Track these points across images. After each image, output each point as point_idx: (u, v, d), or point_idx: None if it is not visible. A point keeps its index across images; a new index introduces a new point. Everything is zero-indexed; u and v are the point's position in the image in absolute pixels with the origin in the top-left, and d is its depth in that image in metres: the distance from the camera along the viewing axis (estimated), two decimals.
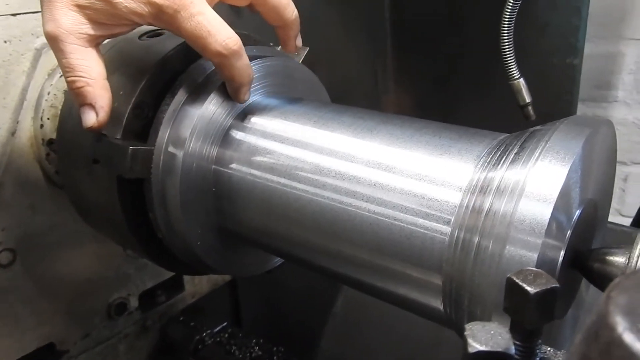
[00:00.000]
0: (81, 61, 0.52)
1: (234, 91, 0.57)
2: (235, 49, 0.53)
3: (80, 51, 0.51)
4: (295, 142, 0.55)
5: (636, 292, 0.19)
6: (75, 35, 0.51)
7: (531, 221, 0.39)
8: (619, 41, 1.32)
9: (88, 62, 0.52)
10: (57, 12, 0.50)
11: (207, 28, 0.51)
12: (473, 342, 0.26)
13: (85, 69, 0.52)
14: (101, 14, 0.51)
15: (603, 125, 0.45)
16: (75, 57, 0.51)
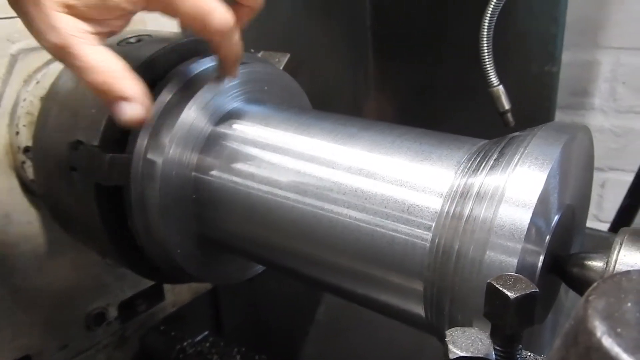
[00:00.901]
0: (97, 58, 0.48)
1: (230, 68, 0.56)
2: (232, 26, 0.52)
3: (92, 50, 0.48)
4: (276, 148, 0.55)
5: (614, 296, 0.19)
6: (81, 37, 0.48)
7: (511, 226, 0.39)
8: (595, 49, 1.34)
9: (104, 57, 0.49)
10: (51, 19, 0.46)
11: (206, 6, 0.49)
12: (454, 347, 0.26)
13: (105, 64, 0.49)
14: (93, 10, 0.48)
15: (580, 131, 0.46)
16: (90, 56, 0.48)
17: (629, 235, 0.41)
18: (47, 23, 0.47)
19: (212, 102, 0.58)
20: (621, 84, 1.35)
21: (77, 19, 0.48)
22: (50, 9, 0.47)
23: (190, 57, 0.62)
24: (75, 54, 0.48)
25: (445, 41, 1.09)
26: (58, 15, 0.47)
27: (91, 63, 0.48)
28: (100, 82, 0.49)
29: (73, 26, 0.48)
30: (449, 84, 1.12)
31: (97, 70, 0.48)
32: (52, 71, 0.68)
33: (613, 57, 1.34)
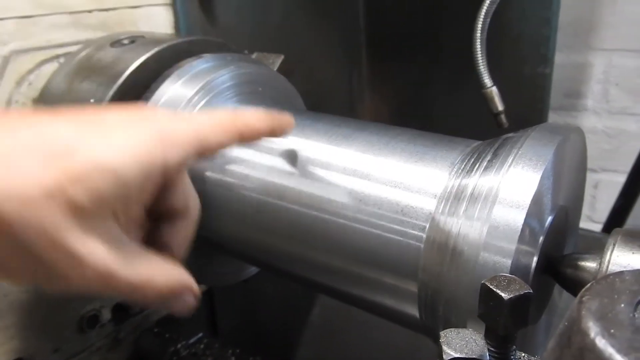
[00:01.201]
0: (139, 273, 0.39)
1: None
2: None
3: (132, 265, 0.38)
4: (269, 149, 0.55)
5: (607, 297, 0.19)
6: (117, 256, 0.37)
7: (505, 227, 0.39)
8: (588, 51, 1.35)
9: (146, 267, 0.39)
10: (77, 242, 0.35)
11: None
12: (448, 349, 0.26)
13: (151, 278, 0.39)
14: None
15: (573, 132, 0.46)
16: (132, 277, 0.38)
17: (621, 236, 0.41)
18: (72, 246, 0.35)
19: (206, 103, 0.58)
20: (614, 85, 1.36)
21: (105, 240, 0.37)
22: (73, 230, 0.35)
23: (185, 58, 0.62)
24: (119, 279, 0.38)
25: (439, 43, 1.10)
26: (83, 236, 0.36)
27: (135, 283, 0.39)
28: (155, 299, 0.41)
29: (105, 239, 0.37)
30: (443, 85, 1.12)
31: (148, 287, 0.40)
32: (45, 73, 0.67)
33: (605, 59, 1.34)
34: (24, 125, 0.35)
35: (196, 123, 0.41)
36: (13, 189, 0.32)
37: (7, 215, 0.32)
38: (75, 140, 0.35)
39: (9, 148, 0.33)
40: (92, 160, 0.35)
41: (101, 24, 0.73)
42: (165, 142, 0.38)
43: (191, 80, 0.58)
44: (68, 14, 0.70)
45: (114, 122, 0.38)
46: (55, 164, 0.34)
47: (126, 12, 0.74)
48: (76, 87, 0.60)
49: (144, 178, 0.37)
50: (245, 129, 0.44)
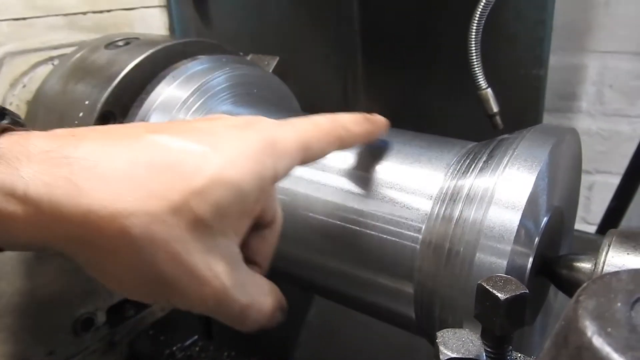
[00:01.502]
0: (249, 294, 0.38)
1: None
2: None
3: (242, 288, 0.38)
4: None
5: (604, 297, 0.19)
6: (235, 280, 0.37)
7: (500, 228, 0.39)
8: (582, 53, 1.36)
9: (254, 288, 0.39)
10: (199, 259, 0.34)
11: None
12: (444, 349, 0.26)
13: (258, 299, 0.39)
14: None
15: (568, 133, 0.46)
16: (243, 299, 0.38)
17: (616, 237, 0.41)
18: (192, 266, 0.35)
19: (201, 105, 0.58)
20: (608, 87, 1.36)
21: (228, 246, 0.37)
22: (194, 249, 0.34)
23: (179, 59, 0.61)
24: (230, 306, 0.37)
25: (434, 44, 1.10)
26: (203, 256, 0.35)
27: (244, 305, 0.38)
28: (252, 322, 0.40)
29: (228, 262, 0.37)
30: (438, 87, 1.12)
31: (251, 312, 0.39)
32: (39, 75, 0.67)
33: (600, 61, 1.35)
34: (143, 140, 0.35)
35: (300, 130, 0.40)
36: (138, 205, 0.32)
37: (132, 230, 0.32)
38: (194, 155, 0.35)
39: (132, 164, 0.34)
40: (214, 174, 0.34)
41: (96, 25, 0.73)
42: (275, 152, 0.37)
43: (186, 81, 0.58)
44: (62, 15, 0.70)
45: (225, 132, 0.37)
46: (178, 179, 0.34)
47: (121, 13, 0.74)
48: (70, 89, 0.60)
49: (260, 190, 0.37)
50: (345, 134, 0.43)
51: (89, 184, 0.32)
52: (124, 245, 0.33)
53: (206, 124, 0.38)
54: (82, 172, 0.32)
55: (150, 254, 0.33)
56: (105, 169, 0.33)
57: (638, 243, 0.40)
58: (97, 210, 0.32)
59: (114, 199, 0.32)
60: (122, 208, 0.32)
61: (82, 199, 0.32)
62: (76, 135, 0.35)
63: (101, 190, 0.32)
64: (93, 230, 0.32)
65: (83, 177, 0.32)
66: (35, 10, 0.67)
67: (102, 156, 0.33)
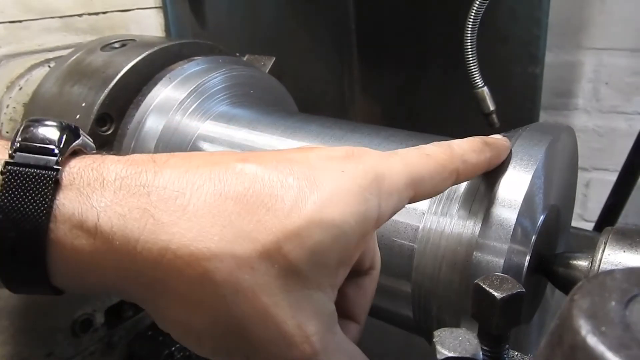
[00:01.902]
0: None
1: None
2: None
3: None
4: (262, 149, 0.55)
5: (598, 295, 0.19)
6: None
7: (497, 227, 0.39)
8: (578, 50, 1.36)
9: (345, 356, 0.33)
10: (287, 312, 0.29)
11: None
12: (441, 348, 0.26)
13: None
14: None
15: (564, 131, 0.46)
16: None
17: (612, 235, 0.41)
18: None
19: (198, 106, 0.58)
20: (604, 84, 1.36)
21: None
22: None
23: (176, 61, 0.61)
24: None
25: (430, 43, 1.10)
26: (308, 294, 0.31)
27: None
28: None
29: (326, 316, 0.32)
30: (435, 86, 1.12)
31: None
32: (35, 77, 0.67)
33: (596, 58, 1.35)
34: (233, 170, 0.31)
35: (411, 164, 0.34)
36: (224, 246, 0.28)
37: (215, 275, 0.28)
38: (290, 190, 0.30)
39: (219, 197, 0.29)
40: (312, 214, 0.30)
41: (91, 27, 0.73)
42: (381, 189, 0.32)
43: (183, 83, 0.58)
44: (58, 18, 0.70)
45: (323, 165, 0.32)
46: (271, 217, 0.29)
47: (116, 15, 0.74)
48: (67, 91, 0.60)
49: (362, 234, 0.32)
50: (462, 167, 0.37)
51: (168, 217, 0.29)
52: (204, 292, 0.29)
53: (301, 155, 0.33)
54: (161, 204, 0.29)
55: (234, 304, 0.29)
56: (189, 201, 0.29)
57: (634, 240, 0.40)
58: (177, 249, 0.28)
59: (196, 236, 0.28)
60: (205, 248, 0.28)
61: (160, 235, 0.28)
62: (156, 162, 0.31)
63: (183, 225, 0.28)
64: (170, 272, 0.28)
65: (162, 210, 0.29)
66: (31, 13, 0.67)
67: (186, 186, 0.30)
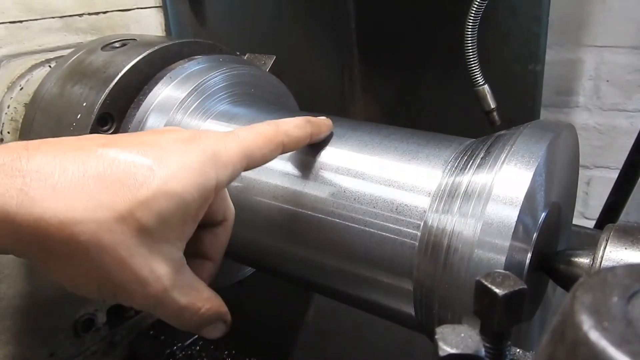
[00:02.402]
0: (188, 297, 0.42)
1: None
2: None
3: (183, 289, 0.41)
4: None
5: (600, 291, 0.19)
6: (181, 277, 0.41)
7: (498, 224, 0.39)
8: (578, 48, 1.36)
9: (194, 292, 0.43)
10: (143, 262, 0.38)
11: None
12: (444, 345, 0.26)
13: (195, 303, 0.42)
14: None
15: (565, 129, 0.46)
16: (182, 300, 0.41)
17: (614, 232, 0.41)
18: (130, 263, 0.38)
19: (199, 105, 0.58)
20: (605, 82, 1.36)
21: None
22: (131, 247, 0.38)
23: (176, 60, 0.61)
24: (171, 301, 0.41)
25: (431, 42, 1.10)
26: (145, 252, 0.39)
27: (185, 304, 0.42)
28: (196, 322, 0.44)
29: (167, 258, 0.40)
30: (435, 84, 1.12)
31: (192, 311, 0.43)
32: (36, 77, 0.67)
33: (596, 56, 1.35)
34: (94, 154, 0.38)
35: (242, 139, 0.43)
36: (87, 214, 0.36)
37: (82, 237, 0.36)
38: (140, 168, 0.38)
39: (82, 177, 0.37)
40: (158, 187, 0.38)
41: (92, 27, 0.73)
42: (217, 163, 0.41)
43: (183, 82, 0.58)
44: (59, 18, 0.70)
45: (170, 146, 0.40)
46: (125, 191, 0.37)
47: (117, 15, 0.74)
48: (68, 91, 0.60)
49: (203, 199, 0.40)
50: (287, 140, 0.46)
51: (40, 194, 0.35)
52: (74, 250, 0.36)
53: (153, 137, 0.41)
54: (34, 184, 0.35)
55: (98, 258, 0.36)
56: (57, 181, 0.36)
57: (636, 238, 0.40)
58: (49, 218, 0.35)
59: (64, 208, 0.35)
60: (71, 217, 0.35)
61: (34, 209, 0.35)
62: (29, 149, 0.37)
63: (53, 200, 0.35)
64: (45, 237, 0.35)
65: (35, 189, 0.35)
66: (31, 13, 0.67)
67: (54, 169, 0.36)
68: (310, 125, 0.49)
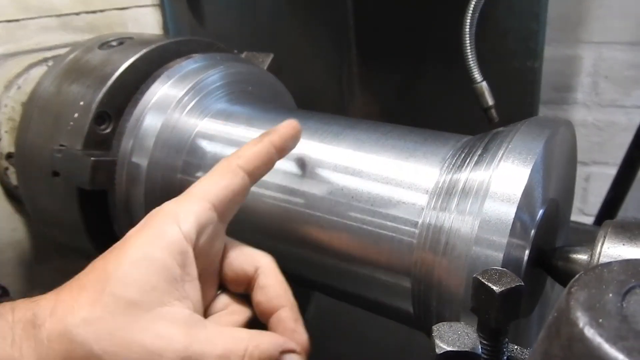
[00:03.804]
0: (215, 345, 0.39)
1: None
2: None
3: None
4: None
5: (596, 288, 0.19)
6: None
7: (496, 221, 0.39)
8: (576, 45, 1.36)
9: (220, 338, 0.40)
10: (146, 333, 0.37)
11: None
12: (440, 342, 0.26)
13: (235, 341, 0.40)
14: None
15: (563, 125, 0.46)
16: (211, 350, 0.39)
17: (612, 228, 0.41)
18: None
19: (197, 104, 0.58)
20: (603, 78, 1.36)
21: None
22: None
23: (173, 58, 0.61)
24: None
25: (428, 39, 1.10)
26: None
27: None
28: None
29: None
30: (433, 81, 1.12)
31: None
32: (33, 76, 0.67)
33: (595, 52, 1.35)
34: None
35: (193, 187, 0.44)
36: (76, 317, 0.37)
37: (79, 338, 0.36)
38: (102, 261, 0.40)
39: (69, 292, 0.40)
40: (123, 262, 0.39)
41: (89, 26, 0.73)
42: (174, 217, 0.41)
43: (181, 80, 0.58)
44: (55, 16, 0.70)
45: (133, 245, 0.40)
46: (96, 281, 0.39)
47: (114, 13, 0.74)
48: (65, 90, 0.60)
49: (177, 253, 0.40)
50: (242, 161, 0.45)
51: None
52: (79, 356, 0.36)
53: (119, 247, 0.41)
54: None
55: (103, 352, 0.36)
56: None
57: (634, 234, 0.40)
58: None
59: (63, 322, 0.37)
60: (67, 324, 0.36)
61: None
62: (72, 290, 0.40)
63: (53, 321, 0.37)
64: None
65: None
66: (28, 12, 0.67)
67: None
68: (266, 135, 0.47)
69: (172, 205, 0.43)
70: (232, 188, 0.44)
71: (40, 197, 0.63)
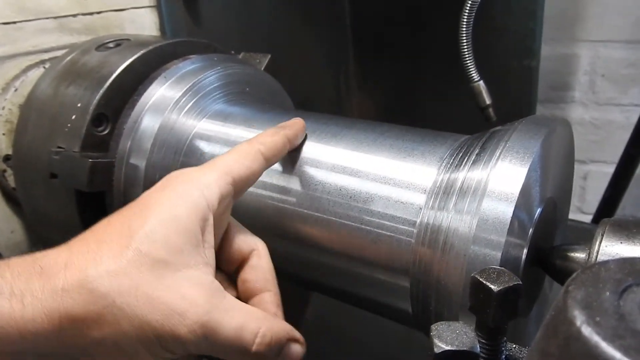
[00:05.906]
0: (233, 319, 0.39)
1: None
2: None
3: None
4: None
5: (593, 286, 0.19)
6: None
7: (494, 220, 0.39)
8: (573, 43, 1.36)
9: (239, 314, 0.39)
10: (171, 292, 0.37)
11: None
12: (439, 342, 0.26)
13: (251, 318, 0.40)
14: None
15: (560, 124, 0.46)
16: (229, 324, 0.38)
17: (609, 226, 0.41)
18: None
19: (194, 105, 0.58)
20: (600, 76, 1.37)
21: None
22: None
23: (171, 59, 0.61)
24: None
25: (425, 38, 1.10)
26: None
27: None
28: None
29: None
30: (430, 81, 1.12)
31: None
32: (30, 79, 0.67)
33: (592, 51, 1.35)
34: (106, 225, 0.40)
35: (217, 160, 0.45)
36: (100, 269, 0.36)
37: (102, 289, 0.35)
38: (130, 216, 0.40)
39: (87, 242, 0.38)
40: (150, 219, 0.39)
41: (86, 27, 0.72)
42: (199, 185, 0.42)
43: (178, 81, 0.58)
44: (52, 18, 0.69)
45: (151, 192, 0.42)
46: (123, 234, 0.38)
47: (111, 15, 0.74)
48: (62, 92, 0.60)
49: (200, 220, 0.40)
50: (263, 148, 0.47)
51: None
52: (102, 310, 0.35)
53: (144, 202, 0.42)
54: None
55: (126, 306, 0.35)
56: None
57: (631, 232, 0.40)
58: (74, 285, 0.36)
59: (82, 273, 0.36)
60: (87, 275, 0.36)
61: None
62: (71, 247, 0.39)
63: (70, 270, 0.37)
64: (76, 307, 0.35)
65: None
66: (25, 14, 0.67)
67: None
68: (282, 129, 0.50)
69: (195, 173, 0.43)
70: (253, 169, 0.45)
71: (38, 199, 0.62)
